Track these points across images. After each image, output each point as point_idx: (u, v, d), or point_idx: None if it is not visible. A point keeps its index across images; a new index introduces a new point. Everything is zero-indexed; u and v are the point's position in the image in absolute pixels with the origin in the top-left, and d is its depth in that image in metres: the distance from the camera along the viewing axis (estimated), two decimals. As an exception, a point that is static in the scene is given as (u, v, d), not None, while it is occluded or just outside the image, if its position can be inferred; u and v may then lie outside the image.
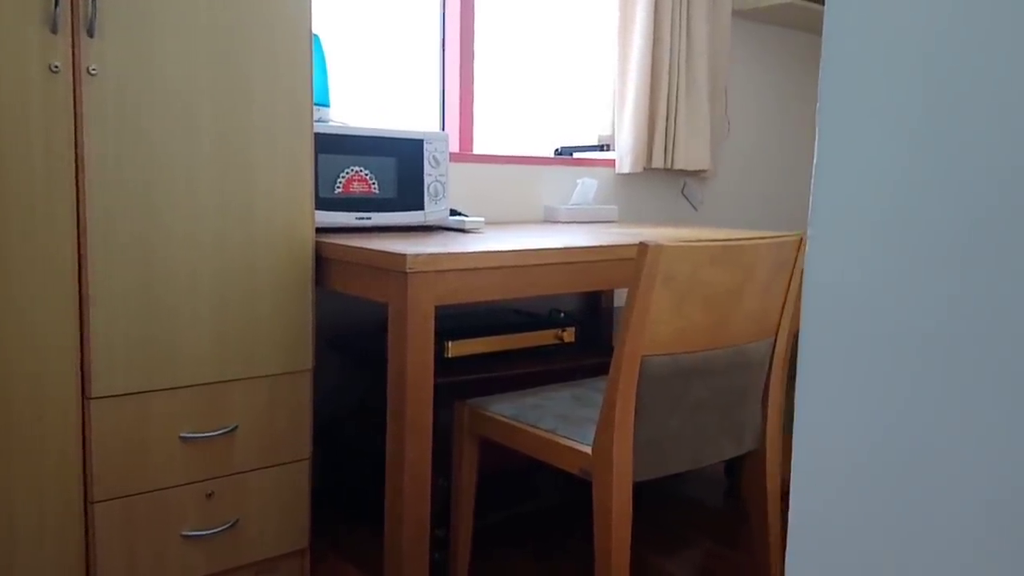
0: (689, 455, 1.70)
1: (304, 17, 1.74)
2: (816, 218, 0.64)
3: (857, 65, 0.60)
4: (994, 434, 0.53)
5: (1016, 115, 0.51)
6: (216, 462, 1.73)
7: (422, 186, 2.23)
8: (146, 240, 1.59)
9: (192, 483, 1.71)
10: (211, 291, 1.68)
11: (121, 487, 1.62)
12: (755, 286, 1.67)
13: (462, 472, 1.91)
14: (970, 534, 0.54)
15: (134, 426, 1.62)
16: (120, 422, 1.60)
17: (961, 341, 0.54)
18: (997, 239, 0.52)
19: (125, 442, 1.61)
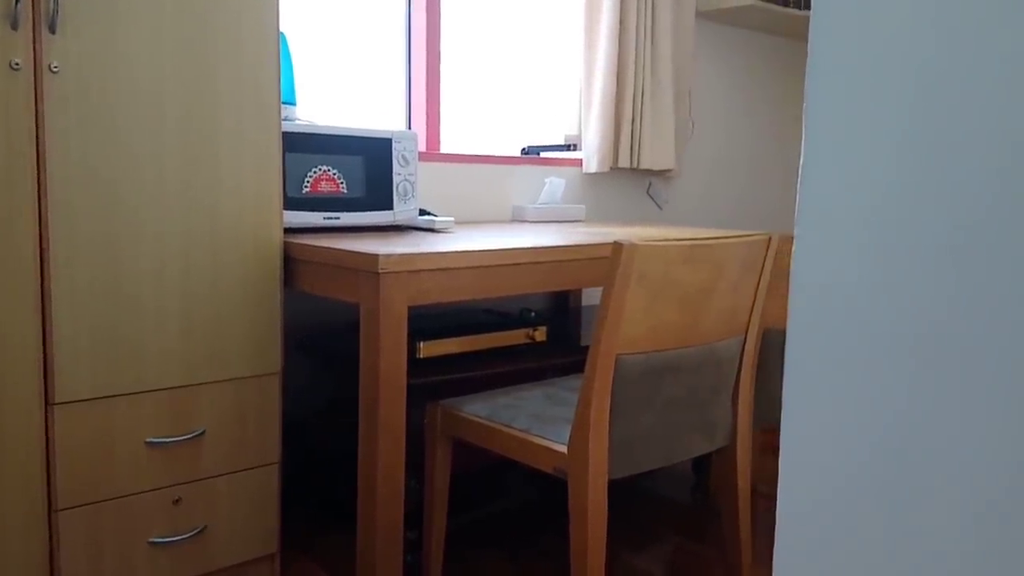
0: (662, 452, 1.71)
1: (271, 15, 1.72)
2: (803, 218, 0.64)
3: (844, 66, 0.60)
4: (984, 434, 0.54)
5: (1005, 116, 0.52)
6: (183, 467, 1.70)
7: (391, 185, 2.21)
8: (111, 238, 1.56)
9: (159, 489, 1.67)
10: (178, 291, 1.65)
11: (86, 494, 1.58)
12: (726, 285, 1.68)
13: (435, 473, 1.90)
14: (960, 534, 0.55)
15: (99, 431, 1.58)
16: (84, 428, 1.57)
17: (951, 341, 0.55)
18: (986, 239, 0.53)
19: (90, 448, 1.58)
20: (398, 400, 1.66)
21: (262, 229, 1.75)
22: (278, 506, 1.85)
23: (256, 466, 1.81)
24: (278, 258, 1.79)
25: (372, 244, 1.75)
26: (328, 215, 2.09)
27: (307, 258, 1.78)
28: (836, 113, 0.61)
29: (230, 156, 1.69)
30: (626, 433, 1.62)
